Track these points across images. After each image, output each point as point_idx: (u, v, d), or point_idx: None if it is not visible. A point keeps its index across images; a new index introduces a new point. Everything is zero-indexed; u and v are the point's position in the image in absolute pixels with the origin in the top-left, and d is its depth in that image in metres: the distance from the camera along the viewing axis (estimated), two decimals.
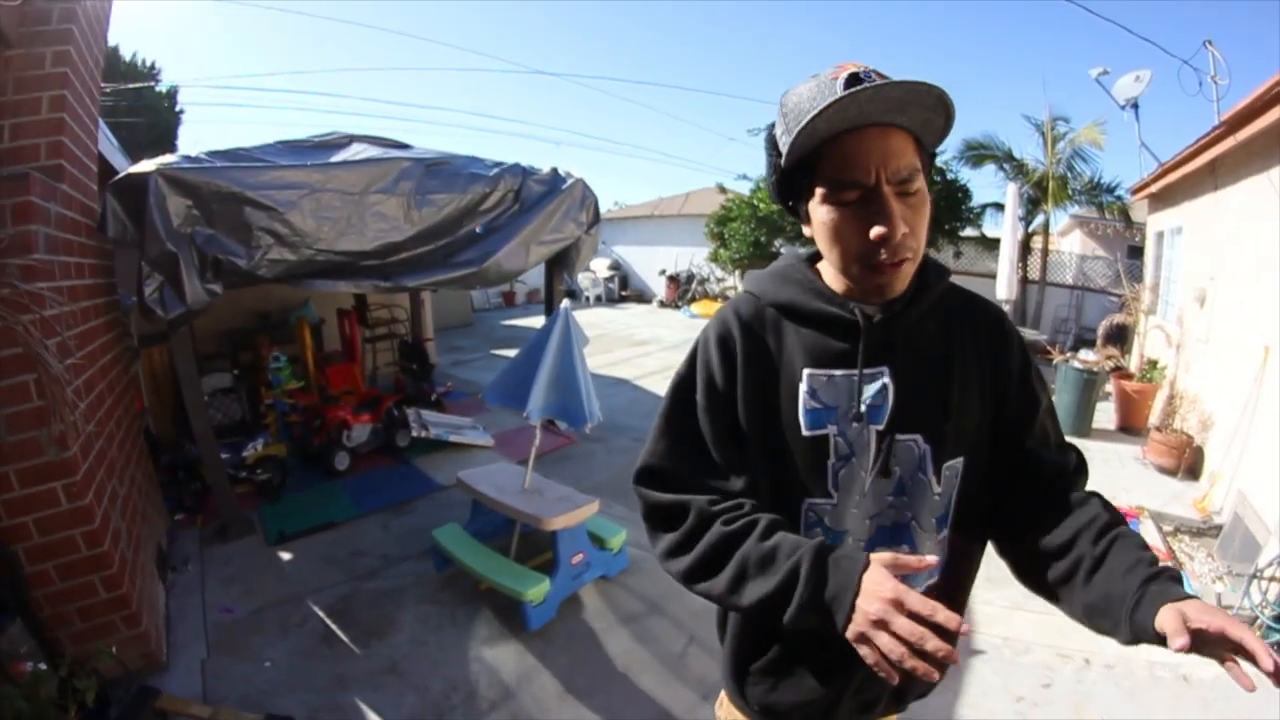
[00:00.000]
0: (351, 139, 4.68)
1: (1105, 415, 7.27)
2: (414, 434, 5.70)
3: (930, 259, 1.12)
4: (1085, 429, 6.90)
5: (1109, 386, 7.36)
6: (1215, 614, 0.79)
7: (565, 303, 3.58)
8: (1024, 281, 12.46)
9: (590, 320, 13.89)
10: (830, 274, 1.11)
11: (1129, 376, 7.21)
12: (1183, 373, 6.42)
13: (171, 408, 5.34)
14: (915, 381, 1.07)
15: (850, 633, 0.87)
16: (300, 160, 3.94)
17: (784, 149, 0.96)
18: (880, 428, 1.06)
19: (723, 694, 1.35)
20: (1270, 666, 0.72)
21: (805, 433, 1.07)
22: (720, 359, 1.10)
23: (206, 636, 3.22)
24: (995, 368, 1.13)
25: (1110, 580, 0.94)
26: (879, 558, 0.92)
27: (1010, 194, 9.12)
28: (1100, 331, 7.89)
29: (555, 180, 4.92)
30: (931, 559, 0.92)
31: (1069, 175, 11.58)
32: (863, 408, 1.05)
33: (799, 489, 1.09)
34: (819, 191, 0.97)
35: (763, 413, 1.09)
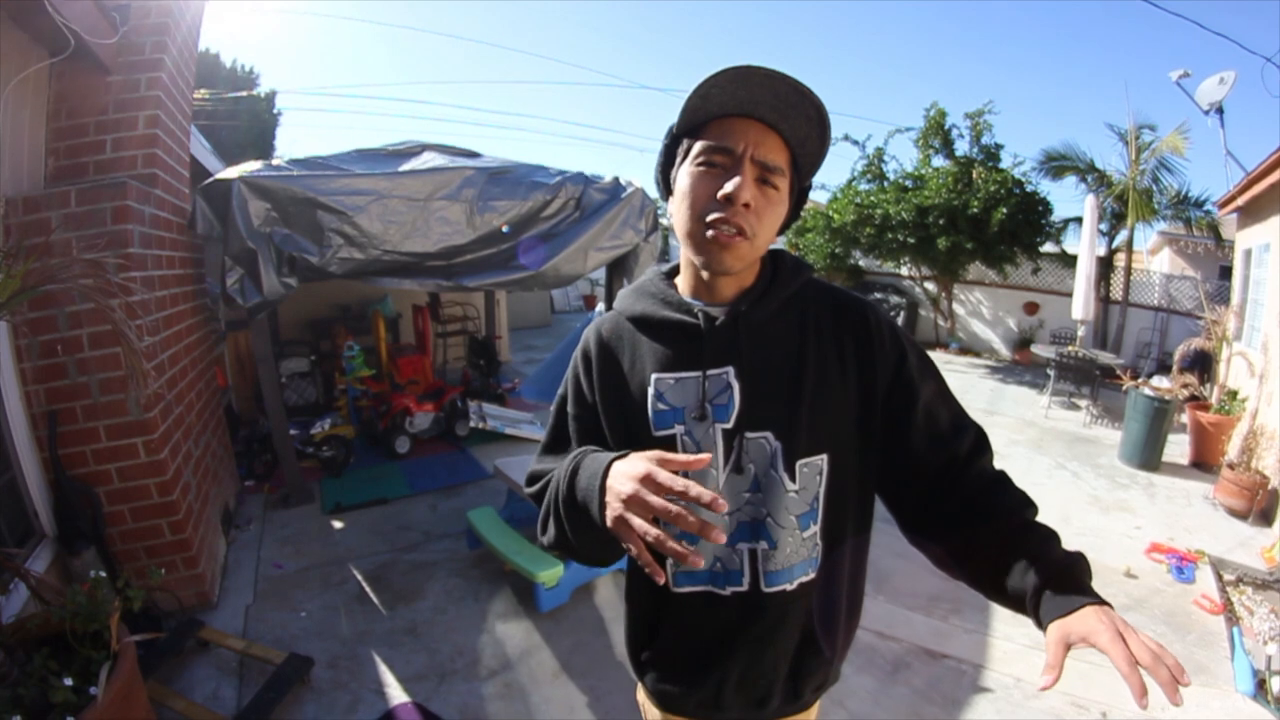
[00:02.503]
0: (424, 148, 4.96)
1: (1179, 449, 6.81)
2: (472, 424, 6.02)
3: (789, 256, 1.17)
4: (1154, 462, 6.46)
5: (1184, 417, 6.81)
6: (1099, 635, 0.77)
7: (599, 306, 3.76)
8: (1105, 301, 11.80)
9: None
10: (684, 276, 1.17)
11: (1206, 407, 6.66)
12: (1264, 406, 5.86)
13: (252, 386, 5.87)
14: (763, 379, 1.08)
15: (607, 519, 0.88)
16: (372, 168, 4.24)
17: (678, 117, 1.03)
18: (727, 426, 1.07)
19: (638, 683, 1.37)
20: (1141, 705, 0.69)
21: (654, 433, 1.10)
22: (583, 373, 1.19)
23: (255, 586, 3.60)
24: (860, 363, 1.10)
25: (1012, 578, 0.94)
26: (643, 453, 0.91)
27: (1089, 207, 8.62)
28: (1177, 357, 7.37)
29: (616, 189, 4.98)
30: (705, 456, 0.90)
31: (1153, 188, 10.80)
32: (707, 407, 1.07)
33: None
34: (694, 153, 1.02)
35: (620, 420, 1.14)
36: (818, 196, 13.44)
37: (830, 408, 1.08)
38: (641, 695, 1.35)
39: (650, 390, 1.10)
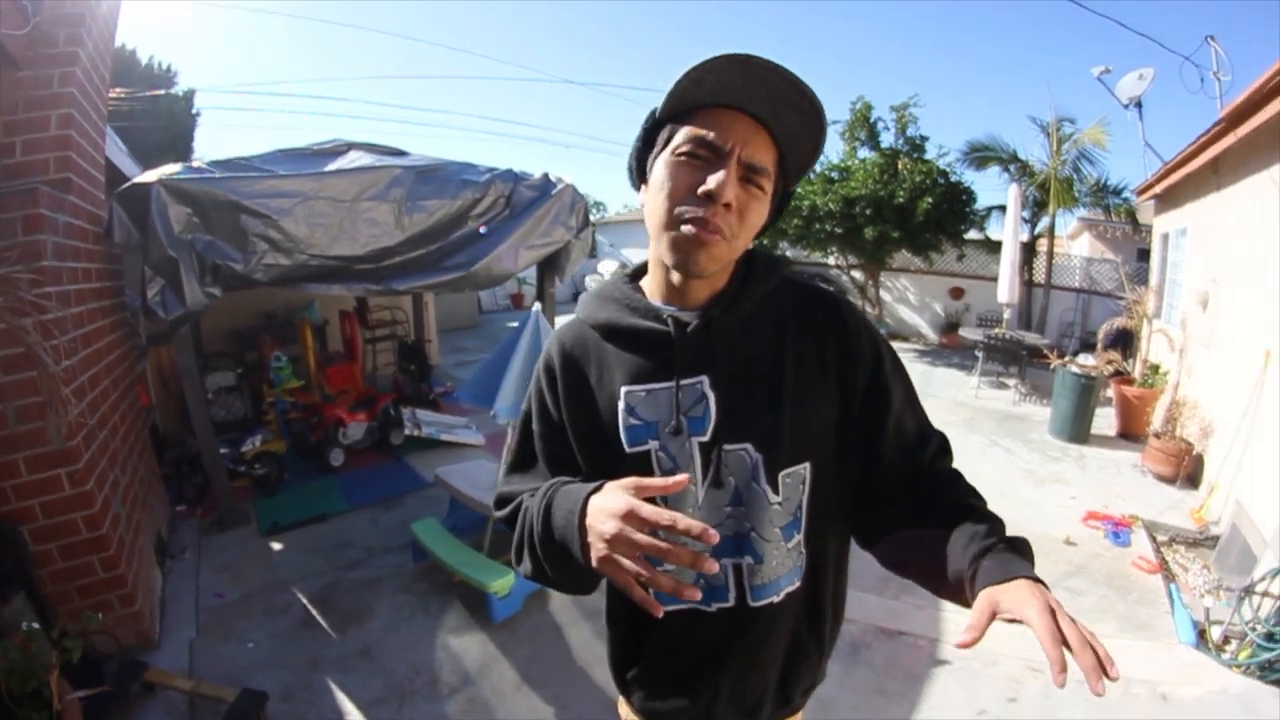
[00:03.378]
0: (350, 146, 4.78)
1: (1106, 421, 7.09)
2: (407, 432, 5.82)
3: (761, 254, 1.09)
4: (1084, 435, 6.72)
5: (1109, 392, 7.11)
6: (1028, 606, 0.75)
7: (536, 306, 3.63)
8: (1029, 285, 12.20)
9: None
10: (651, 278, 1.09)
11: (1130, 382, 6.96)
12: (1185, 378, 6.16)
13: (177, 404, 5.47)
14: (740, 389, 1.01)
15: (593, 559, 0.83)
16: (297, 168, 4.07)
17: (663, 101, 0.94)
18: (704, 439, 1.00)
19: (619, 699, 1.31)
20: (1058, 681, 0.67)
21: (627, 450, 1.03)
22: (547, 388, 1.11)
23: (197, 618, 3.39)
24: (840, 365, 1.05)
25: (953, 559, 0.90)
26: (618, 482, 0.85)
27: (1012, 196, 8.93)
28: (1101, 336, 7.65)
29: (546, 185, 4.90)
30: (683, 478, 0.81)
31: (1074, 177, 11.28)
32: (682, 420, 1.00)
33: None
34: (676, 141, 0.93)
35: (588, 436, 1.07)
36: None
37: (812, 414, 1.03)
38: (626, 711, 1.28)
39: (620, 404, 1.03)
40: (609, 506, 0.81)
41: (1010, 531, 0.92)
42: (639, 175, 1.04)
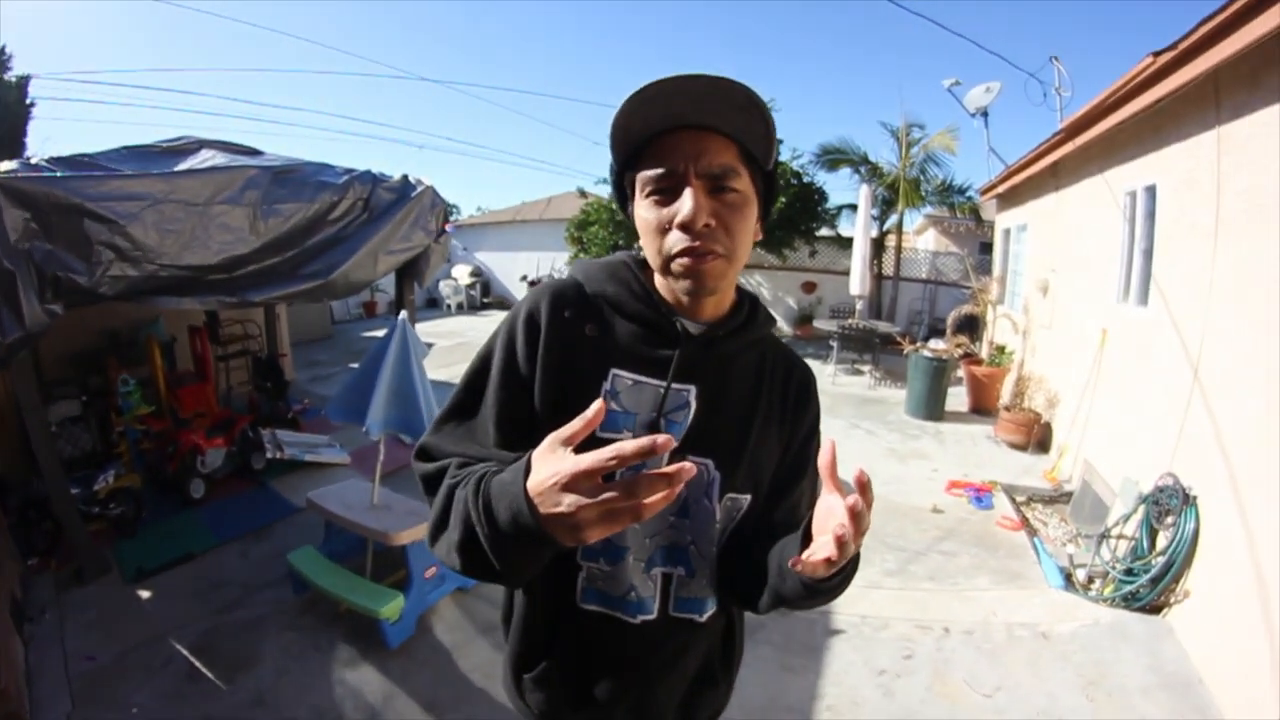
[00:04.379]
0: (201, 144, 4.36)
1: (958, 399, 7.62)
2: (269, 455, 5.34)
3: (761, 303, 1.12)
4: (939, 413, 7.19)
5: (960, 372, 7.63)
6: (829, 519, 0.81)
7: (402, 314, 3.45)
8: (879, 278, 12.96)
9: (451, 329, 13.43)
10: (659, 279, 1.05)
11: (979, 362, 7.53)
12: (1029, 356, 6.75)
13: (16, 441, 4.69)
14: (720, 407, 1.03)
15: (571, 542, 0.71)
16: (145, 168, 3.64)
17: (612, 157, 0.96)
18: (675, 445, 0.96)
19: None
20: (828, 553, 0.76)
21: (599, 433, 0.93)
22: (525, 337, 1.02)
23: (70, 688, 2.94)
24: (792, 429, 1.11)
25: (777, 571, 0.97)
26: (540, 449, 0.75)
27: (863, 195, 9.45)
28: (950, 322, 8.23)
29: (405, 188, 4.66)
30: (598, 403, 0.74)
31: (922, 178, 12.14)
32: (662, 420, 0.99)
33: None
34: (639, 186, 0.93)
35: (559, 402, 0.99)
36: (601, 191, 13.63)
37: (765, 455, 1.08)
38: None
39: (606, 385, 1.00)
40: (550, 482, 0.70)
41: (879, 504, 0.97)
42: (631, 222, 1.03)
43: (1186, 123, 3.71)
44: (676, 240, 0.89)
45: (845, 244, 12.25)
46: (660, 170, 0.89)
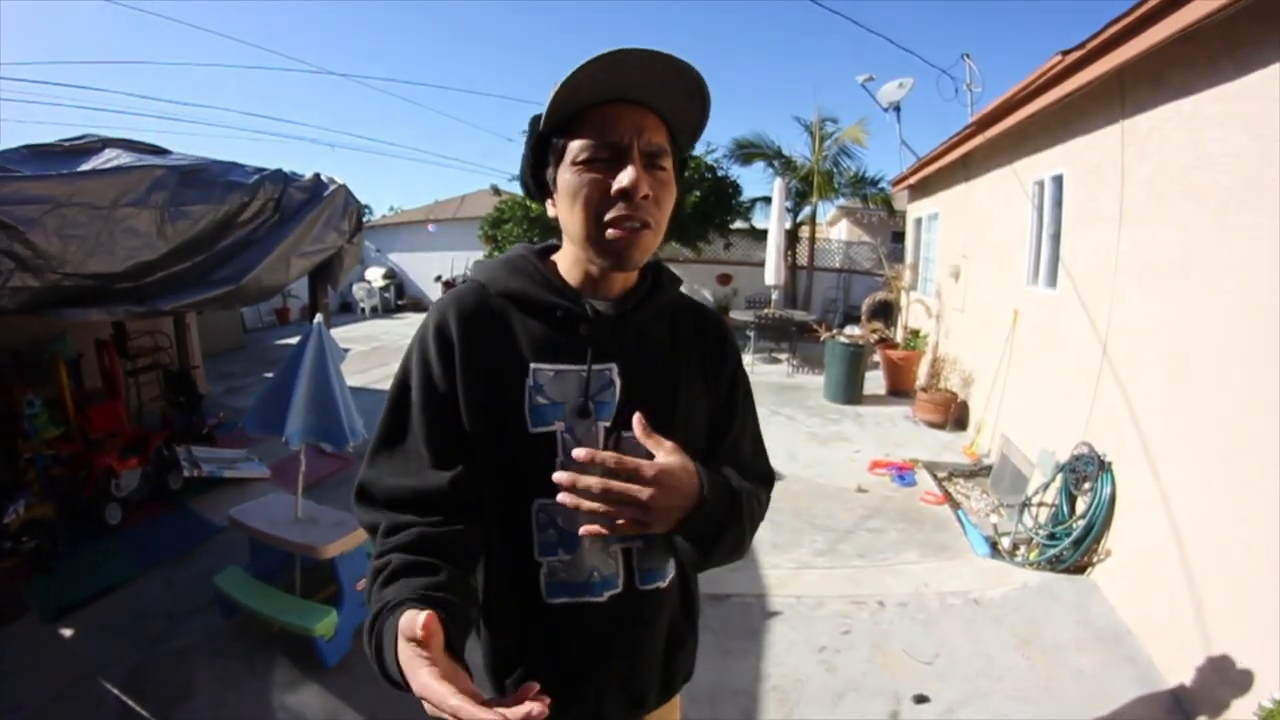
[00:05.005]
0: (105, 143, 4.01)
1: (875, 383, 7.88)
2: (186, 474, 5.03)
3: (665, 266, 1.15)
4: (857, 396, 7.43)
5: (876, 357, 7.91)
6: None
7: (317, 318, 3.33)
8: (793, 268, 13.32)
9: (367, 332, 13.06)
10: (566, 263, 1.07)
11: (894, 346, 7.83)
12: (943, 339, 7.08)
13: None
14: (643, 379, 1.05)
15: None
16: (44, 169, 3.35)
17: (545, 114, 0.94)
18: (607, 424, 1.01)
19: None
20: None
21: (531, 430, 0.99)
22: (438, 353, 1.01)
23: None
24: (715, 379, 1.14)
25: None
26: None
27: (777, 188, 9.64)
28: (864, 308, 8.51)
29: (318, 187, 4.48)
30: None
31: (835, 171, 12.51)
32: (590, 404, 1.01)
33: (527, 489, 1.01)
34: (572, 152, 0.93)
35: (485, 409, 1.00)
36: (515, 188, 13.41)
37: (695, 415, 1.10)
38: None
39: (529, 381, 1.00)
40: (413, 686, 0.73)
41: (804, 487, 1.01)
42: (538, 190, 1.04)
43: (1093, 117, 3.95)
44: (614, 208, 0.91)
45: (760, 236, 12.44)
46: (603, 140, 0.91)
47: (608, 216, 0.91)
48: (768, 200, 11.36)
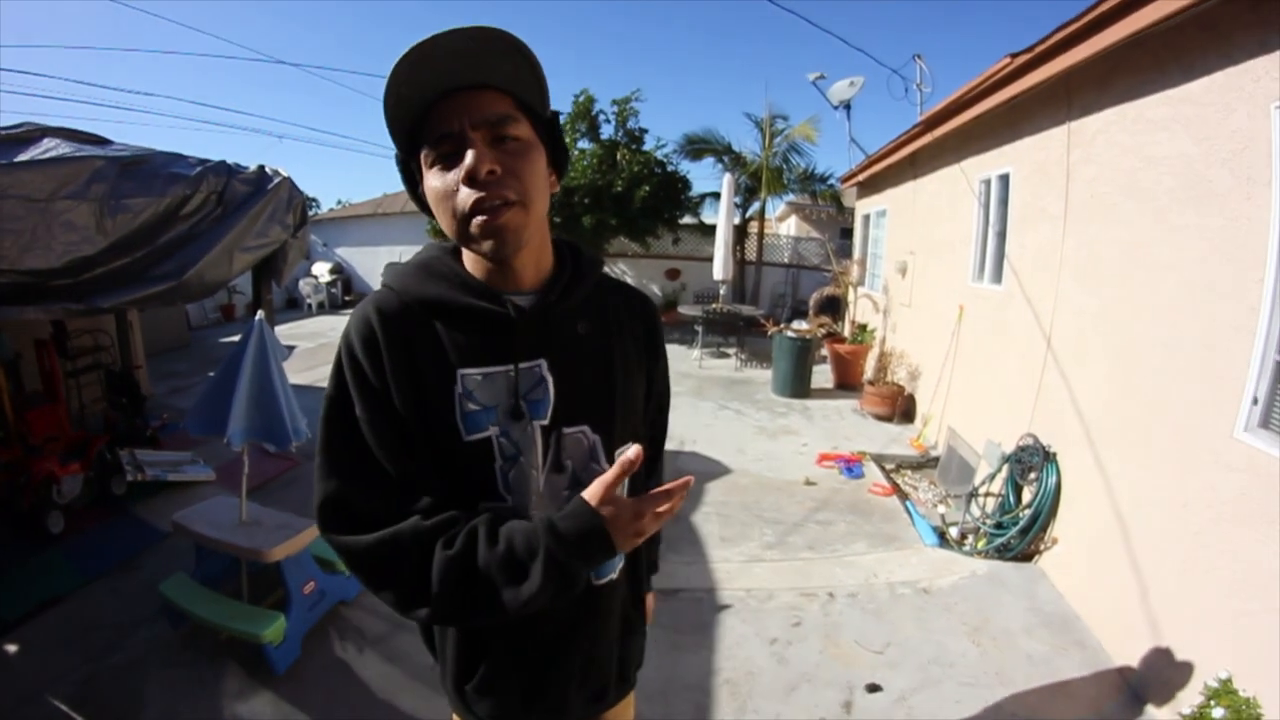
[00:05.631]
0: (44, 132, 3.84)
1: (823, 377, 7.97)
2: (130, 478, 4.89)
3: (583, 250, 1.13)
4: (805, 390, 7.49)
5: (824, 351, 8.01)
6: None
7: (259, 315, 3.27)
8: (742, 263, 13.43)
9: (314, 329, 12.71)
10: (471, 259, 1.03)
11: (842, 341, 7.95)
12: (890, 333, 7.22)
13: None
14: (576, 372, 1.03)
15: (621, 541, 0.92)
16: None
17: (394, 140, 0.95)
18: (544, 422, 1.01)
19: (453, 715, 1.25)
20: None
21: (466, 437, 0.97)
22: (370, 365, 0.97)
23: None
24: (648, 356, 1.17)
25: None
26: (587, 494, 0.92)
27: (726, 184, 9.70)
28: (812, 303, 8.62)
29: (261, 179, 4.37)
30: (635, 449, 0.90)
31: (784, 167, 12.61)
32: (522, 404, 0.99)
33: (471, 492, 1.00)
34: (424, 163, 0.92)
35: (419, 418, 0.97)
36: None
37: (635, 397, 1.12)
38: None
39: (457, 388, 0.97)
40: (625, 517, 0.91)
41: (752, 480, 1.06)
42: (425, 209, 1.00)
43: (1040, 118, 4.05)
44: (466, 197, 0.87)
45: (709, 231, 12.46)
46: (439, 132, 0.88)
47: (464, 206, 0.88)
48: (717, 196, 11.41)
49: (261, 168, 4.40)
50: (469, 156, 0.86)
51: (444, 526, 0.92)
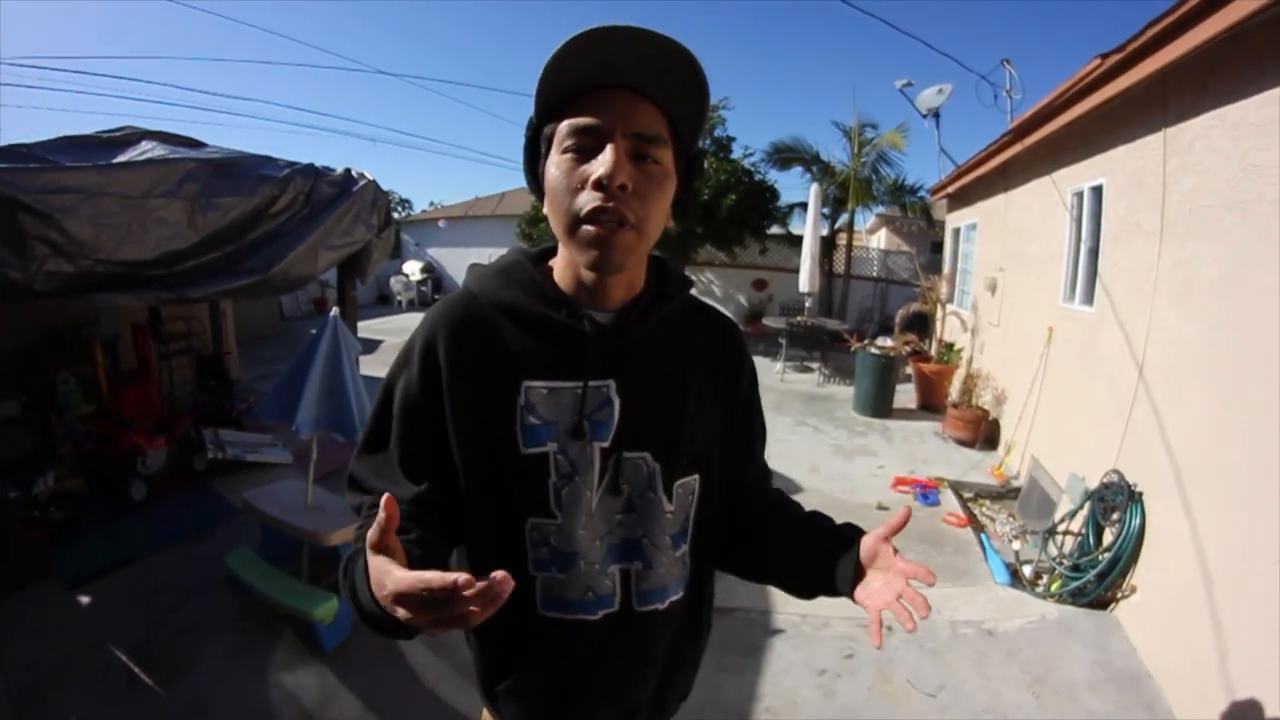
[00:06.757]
0: (142, 135, 4.16)
1: (906, 396, 7.65)
2: (211, 456, 5.22)
3: (672, 269, 1.08)
4: (886, 410, 7.21)
5: (909, 369, 7.69)
6: (886, 592, 0.85)
7: (333, 311, 3.43)
8: (829, 275, 13.09)
9: (402, 325, 13.13)
10: (561, 267, 0.99)
11: (927, 359, 7.59)
12: (978, 354, 6.85)
13: None
14: (645, 397, 0.98)
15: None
16: (83, 159, 3.50)
17: (535, 104, 0.89)
18: (605, 445, 0.96)
19: (484, 712, 1.20)
20: (910, 627, 0.78)
21: (523, 450, 0.94)
22: (423, 372, 0.96)
23: (10, 697, 2.86)
24: (730, 387, 1.09)
25: (801, 547, 1.03)
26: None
27: (813, 194, 9.50)
28: (898, 319, 8.28)
29: (347, 182, 4.58)
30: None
31: (873, 178, 12.28)
32: (585, 424, 0.95)
33: (520, 507, 0.97)
34: (557, 139, 0.87)
35: (475, 429, 0.95)
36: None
37: (706, 429, 1.04)
38: None
39: (520, 399, 0.94)
40: (380, 593, 0.69)
41: (823, 501, 0.96)
42: (536, 186, 0.96)
43: (1134, 124, 3.73)
44: (588, 199, 0.83)
45: (796, 242, 12.27)
46: (586, 121, 0.83)
47: (583, 209, 0.83)
48: (805, 206, 11.21)
49: (348, 170, 4.60)
50: (608, 161, 0.81)
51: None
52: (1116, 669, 2.86)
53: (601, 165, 0.81)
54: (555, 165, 0.86)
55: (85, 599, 3.59)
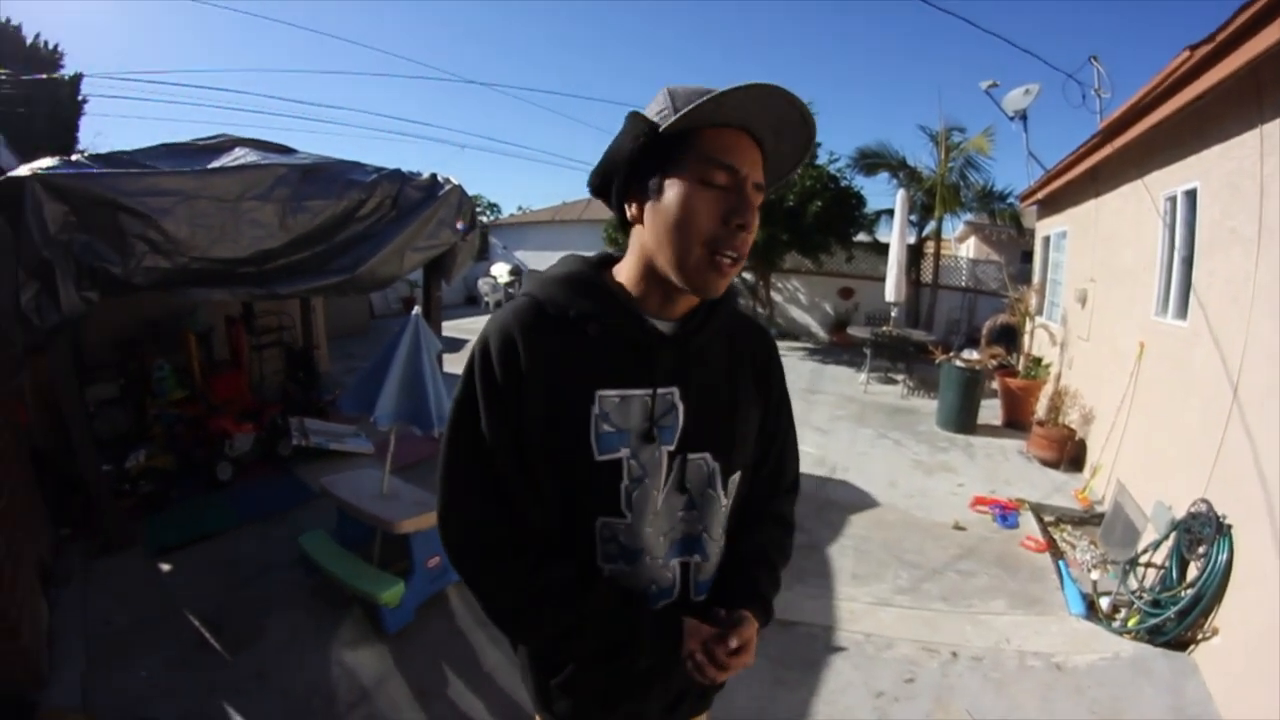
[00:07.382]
0: (236, 143, 4.53)
1: (991, 412, 7.31)
2: (295, 442, 5.55)
3: None
4: (970, 425, 6.91)
5: (994, 384, 7.35)
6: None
7: (416, 309, 3.56)
8: (916, 284, 12.62)
9: None
10: (630, 278, 1.05)
11: (1014, 374, 7.23)
12: (1066, 369, 6.47)
13: (57, 419, 4.85)
14: (704, 401, 1.06)
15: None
16: (179, 165, 3.83)
17: (672, 115, 0.92)
18: (671, 448, 1.04)
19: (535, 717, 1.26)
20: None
21: (598, 457, 0.99)
22: (504, 372, 1.00)
23: (87, 650, 3.11)
24: (764, 390, 1.17)
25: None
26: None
27: (899, 200, 9.22)
28: (985, 331, 7.95)
29: (433, 186, 4.78)
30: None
31: (961, 184, 11.76)
32: (655, 429, 1.02)
33: (591, 508, 1.03)
34: (696, 167, 0.93)
35: (550, 431, 1.00)
36: None
37: (750, 429, 1.13)
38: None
39: (595, 408, 0.99)
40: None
41: (899, 517, 0.89)
42: (624, 190, 1.01)
43: (1228, 122, 3.44)
44: (723, 234, 0.92)
45: (883, 250, 11.88)
46: (729, 162, 0.92)
47: (720, 243, 0.93)
48: (891, 213, 10.90)
49: (434, 175, 4.80)
50: (754, 213, 0.94)
51: (554, 590, 1.02)
52: (1190, 716, 2.64)
53: (745, 213, 0.92)
54: (687, 192, 0.92)
55: (166, 567, 3.85)
